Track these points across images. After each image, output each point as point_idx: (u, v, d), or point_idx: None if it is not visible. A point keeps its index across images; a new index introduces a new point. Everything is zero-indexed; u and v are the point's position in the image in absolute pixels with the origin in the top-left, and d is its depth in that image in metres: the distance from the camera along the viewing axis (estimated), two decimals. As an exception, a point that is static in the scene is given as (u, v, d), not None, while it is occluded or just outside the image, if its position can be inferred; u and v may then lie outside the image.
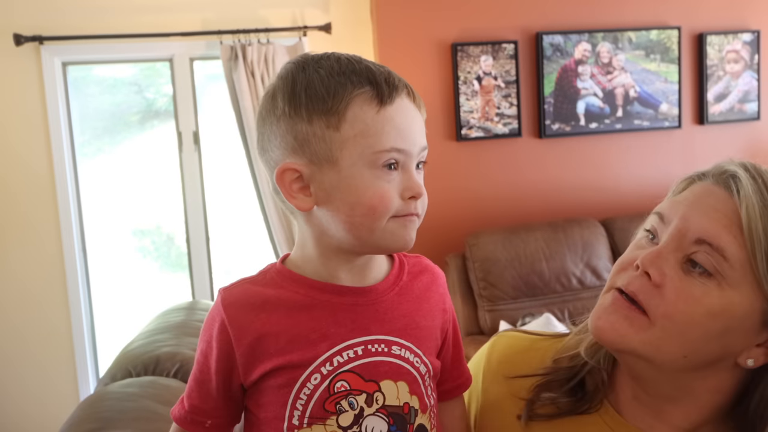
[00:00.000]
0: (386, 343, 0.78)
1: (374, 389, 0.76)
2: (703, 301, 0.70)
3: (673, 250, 0.73)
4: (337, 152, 0.74)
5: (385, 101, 0.74)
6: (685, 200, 0.77)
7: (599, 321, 0.76)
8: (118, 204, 3.29)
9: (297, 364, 0.74)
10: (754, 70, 3.26)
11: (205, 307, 1.83)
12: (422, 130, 0.78)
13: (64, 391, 3.09)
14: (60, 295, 3.08)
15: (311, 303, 0.77)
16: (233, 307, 0.76)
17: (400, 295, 0.82)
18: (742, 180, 0.73)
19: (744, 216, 0.70)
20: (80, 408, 1.18)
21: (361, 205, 0.75)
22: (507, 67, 3.04)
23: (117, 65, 3.25)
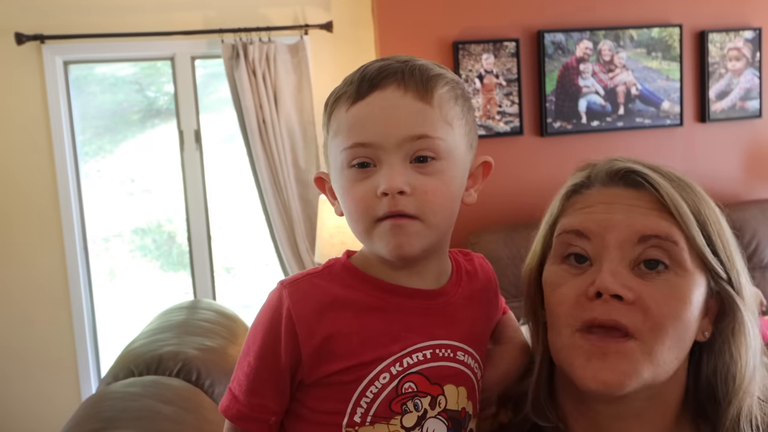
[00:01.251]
0: (452, 348, 0.78)
1: (438, 393, 0.76)
2: (680, 295, 0.70)
3: (620, 261, 0.71)
4: (329, 156, 0.77)
5: (356, 99, 0.73)
6: (597, 209, 0.73)
7: (602, 373, 0.69)
8: (119, 203, 3.29)
9: (367, 362, 0.73)
10: (756, 68, 3.25)
11: (207, 306, 1.83)
12: (410, 120, 0.72)
13: (65, 391, 3.09)
14: (62, 295, 3.08)
15: (382, 305, 0.76)
16: (301, 303, 0.74)
17: (464, 298, 0.81)
18: (644, 171, 0.73)
19: (668, 201, 0.71)
20: (82, 407, 1.18)
21: (345, 209, 0.75)
22: (508, 65, 3.03)
23: (118, 64, 3.25)
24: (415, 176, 0.72)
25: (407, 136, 0.72)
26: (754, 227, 3.03)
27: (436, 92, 0.74)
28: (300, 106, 2.99)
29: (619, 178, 0.74)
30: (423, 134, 0.72)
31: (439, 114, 0.73)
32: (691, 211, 0.71)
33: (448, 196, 0.75)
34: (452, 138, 0.75)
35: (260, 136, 2.92)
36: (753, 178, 3.35)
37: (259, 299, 3.50)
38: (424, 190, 0.72)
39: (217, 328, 1.66)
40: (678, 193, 0.72)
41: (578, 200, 0.76)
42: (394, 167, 0.71)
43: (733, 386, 0.72)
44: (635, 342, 0.69)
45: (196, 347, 1.48)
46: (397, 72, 0.73)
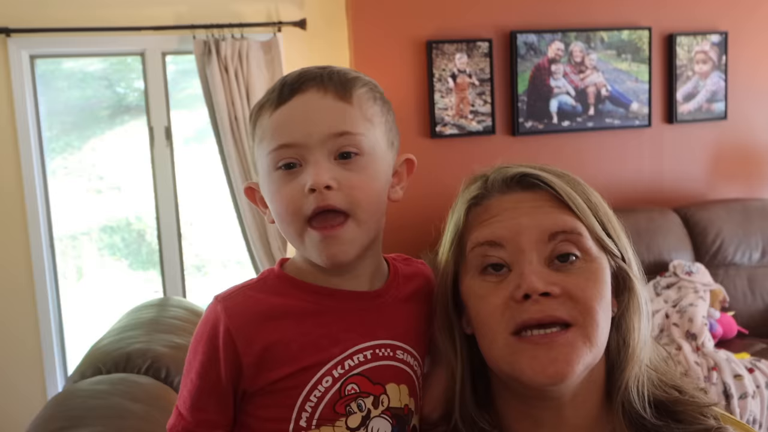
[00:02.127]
0: (392, 348, 0.79)
1: (380, 392, 0.78)
2: (596, 277, 0.75)
3: (538, 261, 0.74)
4: (255, 160, 0.79)
5: (278, 104, 0.75)
6: (503, 217, 0.77)
7: (550, 366, 0.71)
8: (87, 201, 3.23)
9: (308, 367, 0.75)
10: (722, 71, 3.33)
11: (177, 304, 1.81)
12: (331, 118, 0.74)
13: (31, 389, 3.03)
14: (27, 293, 3.02)
15: (320, 309, 0.77)
16: (238, 316, 0.75)
17: (400, 299, 0.82)
18: (537, 173, 0.78)
19: (565, 197, 0.76)
20: (49, 405, 1.16)
21: (275, 213, 0.77)
22: (481, 65, 3.06)
23: (87, 59, 3.19)
24: (341, 172, 0.74)
25: (330, 133, 0.74)
26: (718, 226, 3.10)
27: (354, 92, 0.77)
28: (272, 104, 2.97)
29: (516, 183, 0.79)
30: (345, 131, 0.75)
31: (359, 112, 0.76)
32: (584, 202, 0.77)
33: (375, 190, 0.77)
34: (373, 134, 0.77)
35: (232, 134, 2.89)
36: (717, 179, 3.42)
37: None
38: (350, 185, 0.74)
39: (187, 325, 1.64)
40: (570, 187, 0.77)
41: (480, 212, 0.79)
42: (320, 164, 0.73)
43: (626, 354, 0.78)
44: (573, 329, 0.73)
45: (166, 345, 1.46)
46: (316, 76, 0.76)
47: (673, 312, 2.78)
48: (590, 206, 0.77)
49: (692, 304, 2.76)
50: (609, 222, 0.79)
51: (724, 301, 2.94)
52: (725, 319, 2.89)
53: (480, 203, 0.79)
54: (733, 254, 3.11)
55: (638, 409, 0.77)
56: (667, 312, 2.79)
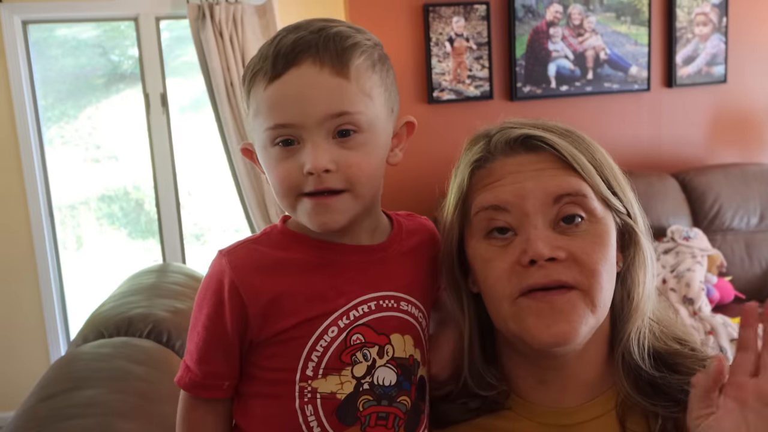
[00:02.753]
0: (395, 299, 0.80)
1: (385, 342, 0.79)
2: (601, 240, 0.75)
3: (543, 224, 0.75)
4: (253, 131, 0.77)
5: (273, 77, 0.72)
6: (507, 181, 0.76)
7: (554, 326, 0.72)
8: (84, 170, 3.22)
9: (314, 318, 0.76)
10: (722, 33, 3.29)
11: (177, 270, 1.82)
12: (329, 97, 0.72)
13: (34, 355, 3.06)
14: (28, 262, 3.03)
15: (323, 262, 0.78)
16: (243, 269, 0.76)
17: (403, 252, 0.83)
18: (540, 135, 0.77)
19: (570, 159, 0.75)
20: (52, 369, 1.17)
21: (272, 184, 0.76)
22: (479, 29, 3.02)
23: (80, 26, 3.15)
24: (339, 151, 0.73)
25: (327, 114, 0.72)
26: (717, 191, 3.11)
27: (352, 65, 0.73)
28: (269, 70, 2.94)
29: (519, 145, 0.77)
30: (343, 111, 0.73)
31: (356, 87, 0.73)
32: (589, 162, 0.76)
33: (373, 166, 0.76)
34: (372, 109, 0.75)
35: (228, 100, 2.87)
36: (716, 143, 3.41)
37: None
38: (348, 165, 0.73)
39: (187, 290, 1.65)
40: (575, 147, 0.76)
41: (484, 174, 0.78)
42: (318, 145, 0.72)
43: (630, 307, 0.79)
44: (577, 291, 0.74)
45: (167, 309, 1.47)
46: (311, 45, 0.72)
47: (670, 277, 2.80)
48: (595, 165, 0.77)
49: (690, 269, 2.77)
50: (614, 179, 0.78)
51: (722, 266, 2.96)
52: (722, 284, 2.91)
53: (483, 166, 0.79)
54: (731, 219, 3.11)
55: (637, 360, 0.78)
56: (664, 277, 2.81)
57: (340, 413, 0.76)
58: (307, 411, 0.76)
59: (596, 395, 0.81)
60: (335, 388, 0.76)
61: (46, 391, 1.05)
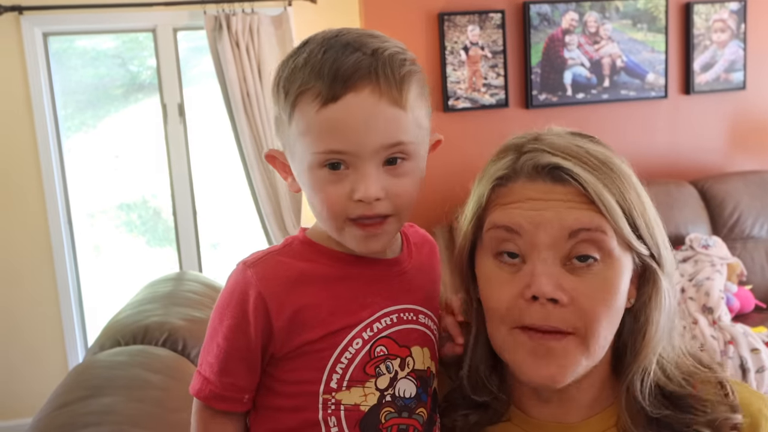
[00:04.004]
0: (414, 312, 0.81)
1: (406, 354, 0.79)
2: (610, 286, 0.73)
3: (553, 260, 0.72)
4: (293, 146, 0.75)
5: (327, 100, 0.71)
6: (525, 206, 0.74)
7: (544, 369, 0.73)
8: (103, 178, 3.26)
9: (339, 330, 0.76)
10: (741, 40, 3.26)
11: (193, 278, 1.83)
12: (387, 128, 0.72)
13: (53, 363, 3.10)
14: (47, 270, 3.07)
15: (346, 275, 0.78)
16: (269, 281, 0.75)
17: (416, 266, 0.84)
18: (568, 167, 0.73)
19: (594, 196, 0.72)
20: (70, 376, 1.18)
21: (314, 204, 0.76)
22: (494, 37, 3.02)
23: (99, 37, 3.19)
24: (388, 179, 0.73)
25: (383, 144, 0.72)
26: (736, 199, 3.07)
27: (409, 95, 0.73)
28: (285, 79, 2.96)
29: (546, 173, 0.74)
30: (399, 141, 0.73)
31: (411, 118, 0.74)
32: (616, 201, 0.72)
33: (416, 190, 0.77)
34: (421, 137, 0.76)
35: (244, 109, 2.89)
36: (736, 150, 3.38)
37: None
38: (396, 193, 0.74)
39: (203, 299, 1.66)
40: (602, 183, 0.72)
41: (504, 193, 0.76)
42: (370, 174, 0.72)
43: (641, 343, 0.77)
44: (573, 337, 0.73)
45: (182, 318, 1.48)
46: (371, 72, 0.71)
47: (689, 286, 2.77)
48: (623, 205, 0.73)
49: (709, 278, 2.74)
50: (643, 220, 0.75)
51: (742, 274, 2.92)
52: (742, 292, 2.87)
53: (505, 184, 0.76)
54: (751, 227, 3.07)
55: (638, 398, 0.77)
56: (683, 286, 2.78)
57: (364, 425, 0.76)
58: (330, 423, 0.76)
59: (597, 412, 0.81)
60: (359, 400, 0.76)
61: (63, 399, 1.06)
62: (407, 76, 0.73)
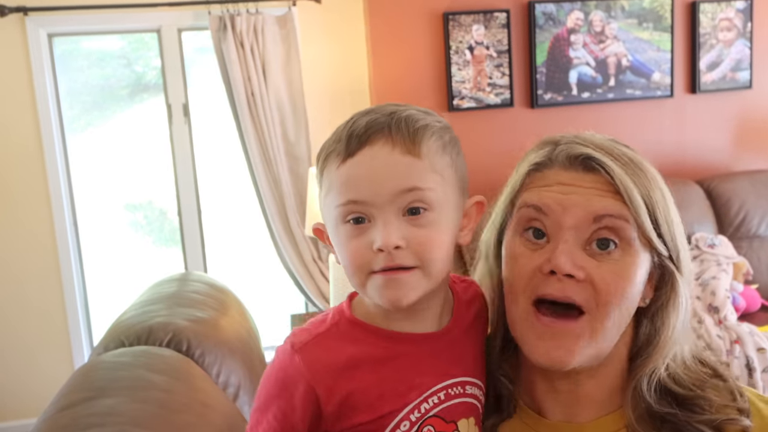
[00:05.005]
0: (461, 384, 0.81)
1: (453, 429, 0.79)
2: (626, 274, 0.76)
3: (575, 241, 0.76)
4: (324, 210, 0.79)
5: (346, 156, 0.74)
6: (555, 189, 0.78)
7: (551, 351, 0.76)
8: (109, 179, 3.27)
9: (386, 414, 0.76)
10: (747, 38, 3.25)
11: (198, 278, 1.83)
12: (401, 175, 0.73)
13: (58, 363, 3.11)
14: (52, 271, 3.08)
15: (393, 354, 0.78)
16: (317, 367, 0.76)
17: (465, 330, 0.84)
18: (600, 158, 0.77)
19: (621, 188, 0.75)
20: (73, 377, 1.18)
21: (342, 262, 0.77)
22: (499, 37, 3.01)
23: (105, 38, 3.20)
24: (409, 229, 0.74)
25: (398, 190, 0.73)
26: (742, 198, 3.05)
27: (423, 144, 0.74)
28: (289, 79, 2.96)
29: (579, 162, 0.79)
30: (413, 186, 0.73)
31: (428, 165, 0.75)
32: (641, 197, 0.76)
33: (444, 243, 0.76)
34: (442, 187, 0.76)
35: (249, 109, 2.90)
36: (742, 150, 3.36)
37: (250, 274, 3.45)
38: (418, 242, 0.74)
39: (207, 299, 1.66)
40: (631, 179, 0.77)
41: (538, 177, 0.81)
42: (389, 223, 0.73)
43: (655, 346, 0.79)
44: (584, 318, 0.75)
45: (187, 318, 1.48)
46: (384, 127, 0.74)
47: (695, 285, 2.76)
48: (648, 201, 0.76)
49: (714, 277, 2.73)
50: (665, 221, 0.78)
51: (748, 273, 2.90)
52: (748, 292, 2.86)
53: (540, 170, 0.81)
54: (757, 226, 3.06)
55: (646, 397, 0.79)
56: (688, 285, 2.77)
57: None
58: None
59: (608, 412, 0.82)
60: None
61: (66, 401, 1.06)
62: (423, 129, 0.75)
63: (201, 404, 1.20)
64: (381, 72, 2.96)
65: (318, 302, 3.06)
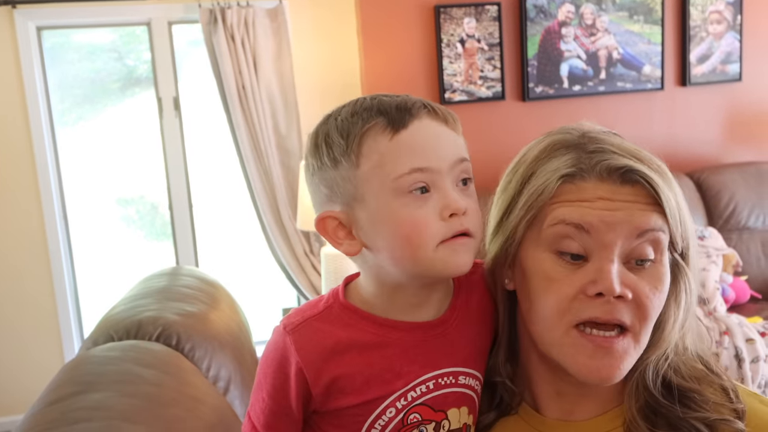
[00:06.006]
0: (454, 375, 0.80)
1: (442, 418, 0.79)
2: (662, 285, 0.75)
3: (620, 258, 0.74)
4: (362, 188, 0.75)
5: (398, 127, 0.74)
6: (597, 205, 0.74)
7: (604, 370, 0.74)
8: (100, 173, 3.26)
9: (372, 400, 0.77)
10: (737, 31, 3.26)
11: (188, 273, 1.83)
12: (453, 145, 0.76)
13: (49, 357, 3.10)
14: (43, 265, 3.07)
15: (383, 341, 0.78)
16: (307, 350, 0.77)
17: (463, 319, 0.83)
18: (642, 170, 0.75)
19: (663, 201, 0.74)
20: (62, 372, 1.18)
21: (397, 236, 0.74)
22: (490, 30, 3.01)
23: (95, 31, 3.18)
24: (465, 198, 0.76)
25: (456, 159, 0.75)
26: (732, 190, 3.07)
27: (457, 122, 0.79)
28: (280, 72, 2.96)
29: (618, 176, 0.75)
30: (464, 157, 0.77)
31: (463, 141, 0.79)
32: (675, 205, 0.75)
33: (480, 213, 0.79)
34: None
35: (240, 103, 2.89)
36: (732, 142, 3.38)
37: (241, 269, 3.44)
38: (473, 210, 0.76)
39: (197, 294, 1.66)
40: (667, 188, 0.75)
41: (572, 190, 0.76)
42: (452, 190, 0.74)
43: (659, 337, 0.78)
44: (629, 334, 0.74)
45: (177, 312, 1.48)
46: (419, 103, 0.76)
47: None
48: (678, 208, 0.76)
49: (704, 269, 2.74)
50: (685, 221, 0.77)
51: (737, 265, 2.92)
52: (738, 283, 2.88)
53: (572, 182, 0.76)
54: (746, 218, 3.08)
55: (649, 386, 0.78)
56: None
57: None
58: None
59: (607, 410, 0.82)
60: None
61: (54, 395, 1.06)
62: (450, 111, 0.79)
63: (191, 398, 1.21)
64: (372, 65, 2.96)
65: (310, 296, 3.06)
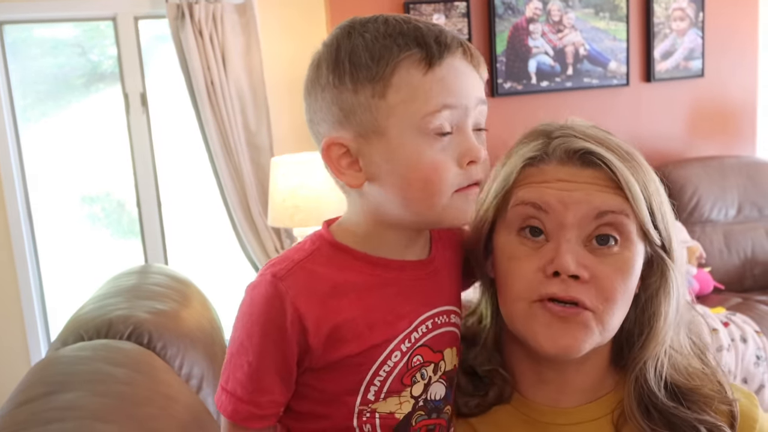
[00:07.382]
0: (446, 313, 0.80)
1: (440, 359, 0.79)
2: (627, 268, 0.76)
3: (577, 240, 0.75)
4: (384, 121, 0.70)
5: (433, 63, 0.70)
6: (555, 186, 0.76)
7: (561, 339, 0.75)
8: (65, 170, 3.19)
9: (377, 344, 0.73)
10: (699, 28, 3.33)
11: (158, 271, 1.81)
12: (479, 86, 0.74)
13: (14, 360, 3.03)
14: (7, 265, 3.00)
15: (380, 282, 0.75)
16: (305, 296, 0.71)
17: (446, 262, 0.83)
18: (600, 152, 0.76)
19: (623, 182, 0.75)
20: (31, 372, 1.16)
21: (415, 179, 0.71)
22: (459, 26, 3.03)
23: (59, 26, 3.11)
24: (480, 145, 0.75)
25: (479, 98, 0.73)
26: (695, 184, 3.14)
27: (483, 64, 0.76)
28: (249, 68, 2.93)
29: (577, 157, 0.77)
30: (484, 100, 0.75)
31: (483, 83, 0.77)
32: (640, 190, 0.76)
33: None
34: None
35: (209, 99, 2.86)
36: (695, 137, 3.45)
37: (212, 266, 3.40)
38: (485, 160, 0.75)
39: (168, 291, 1.64)
40: (630, 172, 0.76)
41: (534, 173, 0.78)
42: (472, 137, 0.72)
43: (650, 334, 0.79)
44: (590, 312, 0.75)
45: (148, 311, 1.46)
46: (455, 40, 0.73)
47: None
48: (645, 194, 0.76)
49: (669, 261, 2.80)
50: (660, 212, 0.78)
51: (701, 257, 3.00)
52: (702, 275, 2.95)
53: (536, 165, 0.78)
54: (709, 211, 3.15)
55: (653, 388, 0.79)
56: (644, 269, 2.84)
57: (397, 430, 0.76)
58: (365, 429, 0.75)
59: (594, 398, 0.83)
60: (394, 408, 0.76)
61: (24, 396, 1.04)
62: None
63: (164, 396, 1.20)
64: (342, 61, 2.94)
65: (282, 292, 3.04)
